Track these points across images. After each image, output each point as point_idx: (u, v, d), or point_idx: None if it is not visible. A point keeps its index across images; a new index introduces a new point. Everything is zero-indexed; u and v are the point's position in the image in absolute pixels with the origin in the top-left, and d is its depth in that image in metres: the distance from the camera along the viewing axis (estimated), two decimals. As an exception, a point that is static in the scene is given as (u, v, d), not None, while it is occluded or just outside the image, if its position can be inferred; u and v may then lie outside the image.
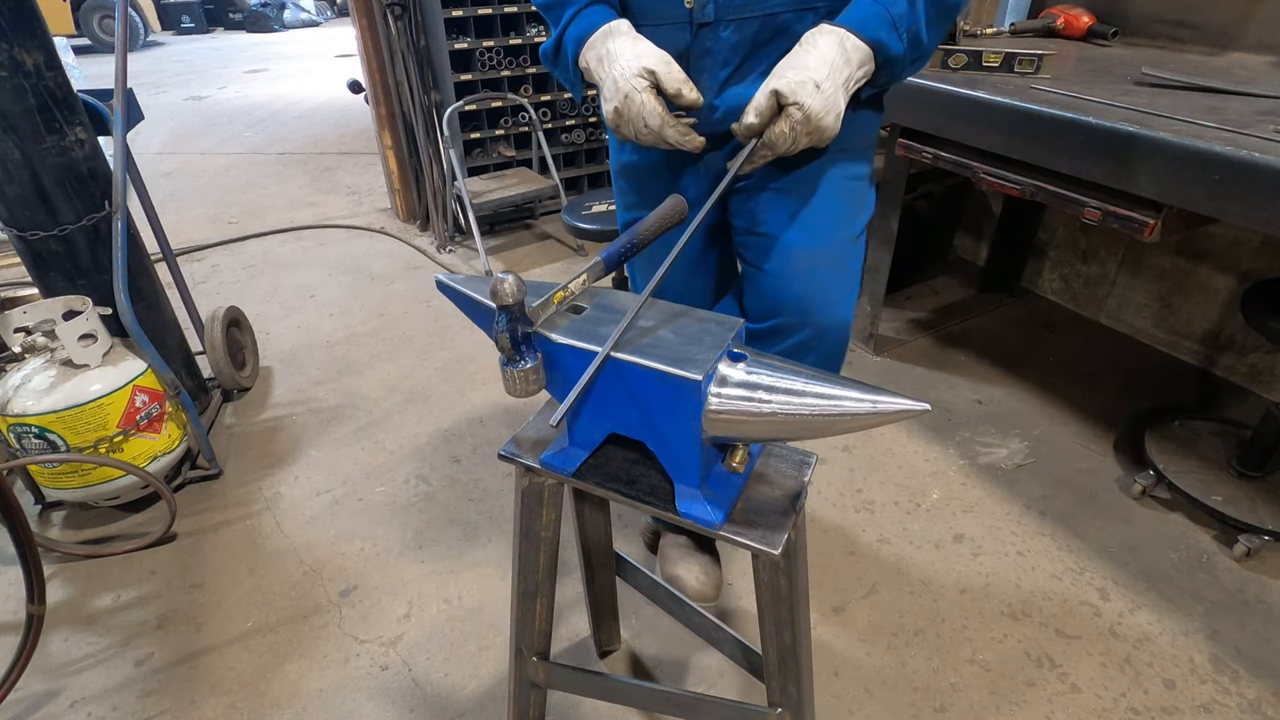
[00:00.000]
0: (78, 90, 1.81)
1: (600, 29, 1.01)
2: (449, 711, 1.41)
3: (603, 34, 1.00)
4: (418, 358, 2.58)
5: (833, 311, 1.19)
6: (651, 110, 0.96)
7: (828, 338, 1.21)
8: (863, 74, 0.95)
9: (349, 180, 4.52)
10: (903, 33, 0.95)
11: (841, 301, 1.20)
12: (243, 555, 1.79)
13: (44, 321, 1.70)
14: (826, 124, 0.93)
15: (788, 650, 0.94)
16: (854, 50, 0.93)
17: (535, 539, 1.02)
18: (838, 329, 1.21)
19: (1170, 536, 1.75)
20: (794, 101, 0.90)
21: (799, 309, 1.18)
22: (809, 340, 1.20)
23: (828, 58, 0.91)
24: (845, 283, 1.21)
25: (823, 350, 1.22)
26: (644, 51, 0.97)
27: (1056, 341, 2.56)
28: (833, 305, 1.19)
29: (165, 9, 12.26)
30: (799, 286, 1.17)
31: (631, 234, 0.88)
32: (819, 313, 1.18)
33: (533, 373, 0.77)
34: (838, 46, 0.92)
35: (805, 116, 0.91)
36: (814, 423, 0.72)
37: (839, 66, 0.92)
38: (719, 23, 1.03)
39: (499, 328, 0.75)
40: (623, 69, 0.97)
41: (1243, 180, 1.22)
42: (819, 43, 0.93)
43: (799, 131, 0.92)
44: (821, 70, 0.91)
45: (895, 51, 0.95)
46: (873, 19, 0.94)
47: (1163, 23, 2.10)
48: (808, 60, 0.92)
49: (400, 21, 3.06)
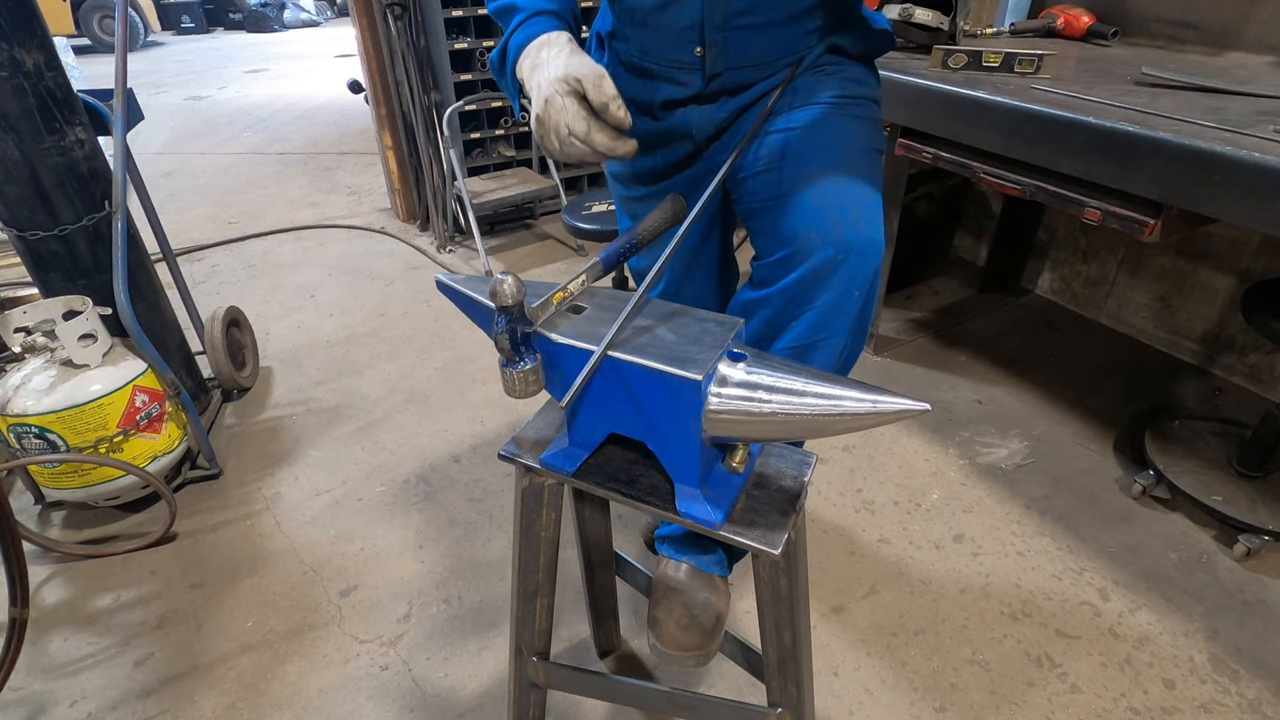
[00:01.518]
0: (78, 90, 1.81)
1: (539, 38, 0.97)
2: (449, 711, 1.41)
3: (539, 43, 0.97)
4: (418, 358, 2.59)
5: (860, 228, 1.01)
6: (574, 113, 0.90)
7: (854, 258, 1.01)
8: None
9: (349, 180, 4.52)
10: None
11: (868, 215, 1.03)
12: (243, 555, 1.79)
13: (44, 321, 1.70)
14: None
15: (788, 650, 0.94)
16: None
17: (535, 539, 1.02)
18: (867, 247, 1.02)
19: (1170, 536, 1.75)
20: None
21: (817, 226, 1.01)
22: (833, 260, 1.01)
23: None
24: (868, 195, 1.05)
25: (850, 273, 1.02)
26: (576, 63, 0.92)
27: (1056, 341, 2.56)
28: (859, 219, 1.02)
29: (165, 9, 12.26)
30: (813, 200, 1.03)
31: (630, 234, 0.88)
32: (844, 228, 1.01)
33: (532, 374, 0.77)
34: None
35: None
36: (814, 423, 0.72)
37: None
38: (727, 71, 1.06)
39: (498, 329, 0.74)
40: (548, 74, 0.92)
41: (1243, 180, 1.22)
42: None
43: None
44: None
45: None
46: None
47: (1163, 23, 2.10)
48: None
49: (400, 21, 3.06)
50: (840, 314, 1.06)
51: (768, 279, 1.08)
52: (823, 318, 1.06)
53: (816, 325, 1.06)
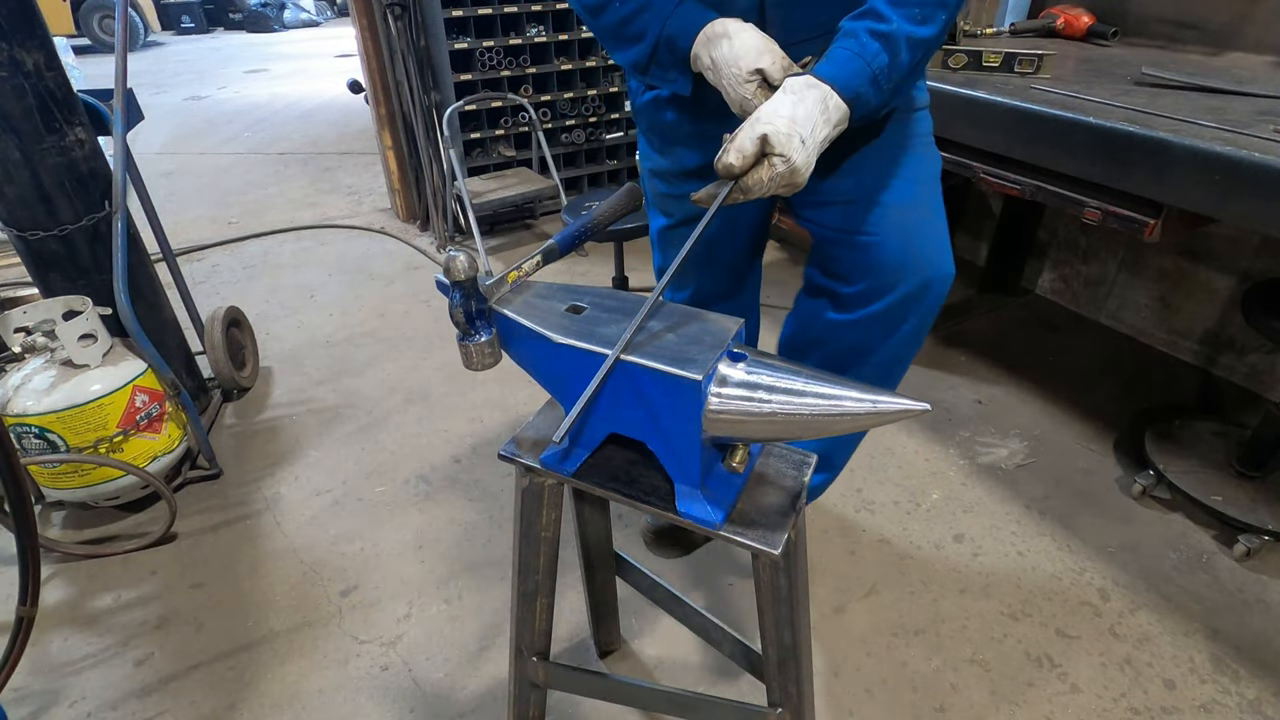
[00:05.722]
0: (78, 90, 1.81)
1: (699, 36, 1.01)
2: (449, 711, 1.41)
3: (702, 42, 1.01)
4: (418, 357, 2.58)
5: (940, 264, 1.17)
6: None
7: (935, 287, 1.18)
8: (836, 133, 0.95)
9: (349, 180, 4.52)
10: (884, 86, 0.94)
11: (944, 248, 1.19)
12: (243, 555, 1.79)
13: (44, 321, 1.70)
14: (800, 180, 0.91)
15: (788, 650, 0.94)
16: (835, 110, 0.92)
17: (535, 539, 1.02)
18: (945, 279, 1.19)
19: (1170, 536, 1.75)
20: (781, 154, 0.88)
21: (904, 262, 1.15)
22: (918, 290, 1.17)
23: (813, 115, 0.90)
24: (942, 229, 1.19)
25: (931, 302, 1.20)
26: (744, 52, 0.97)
27: (1056, 341, 2.56)
28: (938, 254, 1.17)
29: (165, 9, 12.26)
30: (898, 242, 1.15)
31: (586, 218, 0.92)
32: (927, 265, 1.16)
33: (488, 345, 0.82)
34: (821, 104, 0.91)
35: (790, 170, 0.88)
36: (814, 423, 0.72)
37: (819, 126, 0.91)
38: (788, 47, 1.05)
39: (454, 303, 0.79)
40: (731, 77, 0.98)
41: (1243, 180, 1.22)
42: (806, 97, 0.91)
43: (777, 182, 0.90)
44: (806, 127, 0.89)
45: (873, 104, 0.95)
46: (855, 76, 0.93)
47: (1163, 23, 2.10)
48: (796, 113, 0.90)
49: (400, 21, 3.06)
50: (920, 336, 1.26)
51: (853, 304, 1.22)
52: (906, 342, 1.24)
53: (903, 345, 1.25)
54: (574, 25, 3.42)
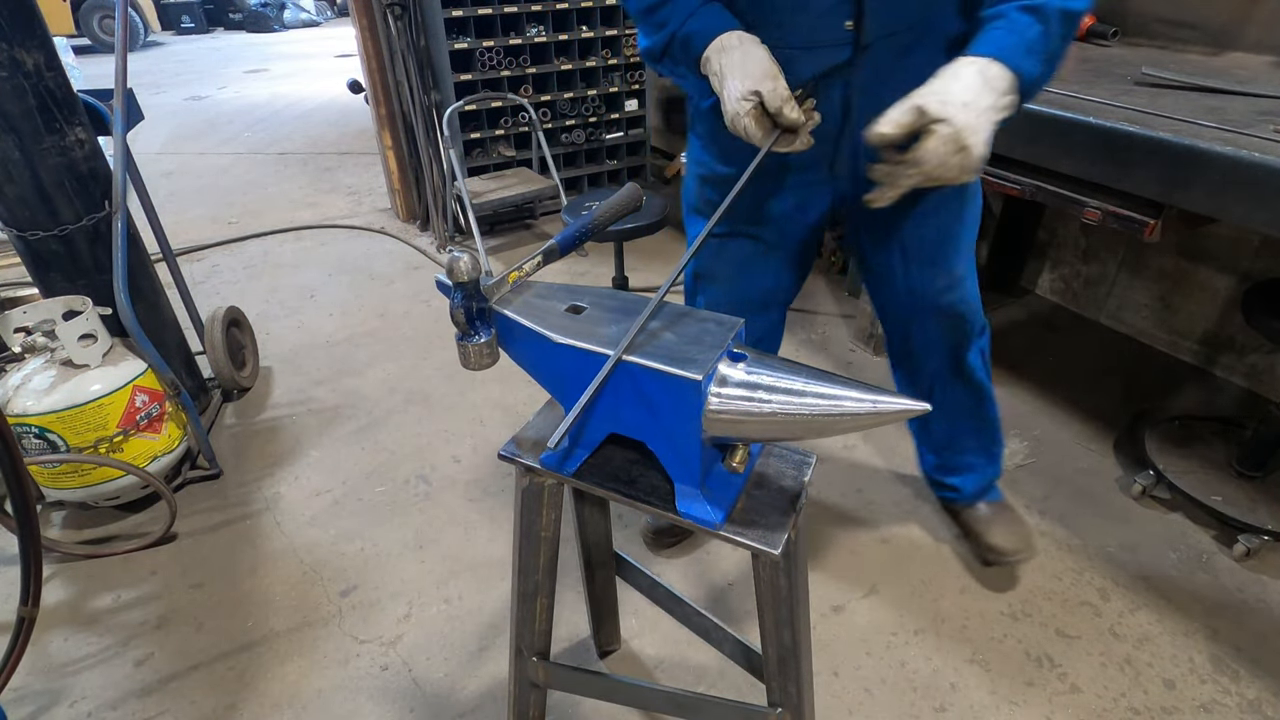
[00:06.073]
0: (78, 90, 1.81)
1: (714, 42, 1.01)
2: (449, 711, 1.41)
3: (715, 49, 1.01)
4: (418, 357, 2.58)
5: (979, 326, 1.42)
6: (753, 129, 0.98)
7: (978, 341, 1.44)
8: (1007, 103, 0.91)
9: (349, 180, 4.52)
10: (1039, 54, 0.92)
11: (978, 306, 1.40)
12: (243, 555, 1.79)
13: (44, 321, 1.70)
14: (974, 143, 0.87)
15: (788, 650, 0.94)
16: (997, 78, 0.90)
17: (535, 539, 1.01)
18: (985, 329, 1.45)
19: (1170, 536, 1.75)
20: (941, 117, 0.85)
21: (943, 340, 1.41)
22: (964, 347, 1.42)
23: (972, 85, 0.88)
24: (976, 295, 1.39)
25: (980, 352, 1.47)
26: (752, 70, 0.97)
27: (1056, 341, 2.56)
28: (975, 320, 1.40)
29: (165, 9, 12.26)
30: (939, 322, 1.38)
31: (586, 219, 0.91)
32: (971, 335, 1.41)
33: (486, 346, 0.82)
34: (979, 75, 0.89)
35: (955, 132, 0.86)
36: (814, 423, 0.72)
37: (982, 92, 0.88)
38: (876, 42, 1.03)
39: (455, 304, 0.79)
40: (731, 90, 0.99)
41: (1243, 180, 1.22)
42: (961, 73, 0.89)
43: (949, 150, 0.87)
44: (968, 94, 0.87)
45: (1035, 75, 0.93)
46: (1010, 48, 0.91)
47: (1163, 23, 2.10)
48: (951, 86, 0.88)
49: (400, 21, 3.06)
50: None
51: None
52: None
53: None
54: (574, 25, 3.42)
